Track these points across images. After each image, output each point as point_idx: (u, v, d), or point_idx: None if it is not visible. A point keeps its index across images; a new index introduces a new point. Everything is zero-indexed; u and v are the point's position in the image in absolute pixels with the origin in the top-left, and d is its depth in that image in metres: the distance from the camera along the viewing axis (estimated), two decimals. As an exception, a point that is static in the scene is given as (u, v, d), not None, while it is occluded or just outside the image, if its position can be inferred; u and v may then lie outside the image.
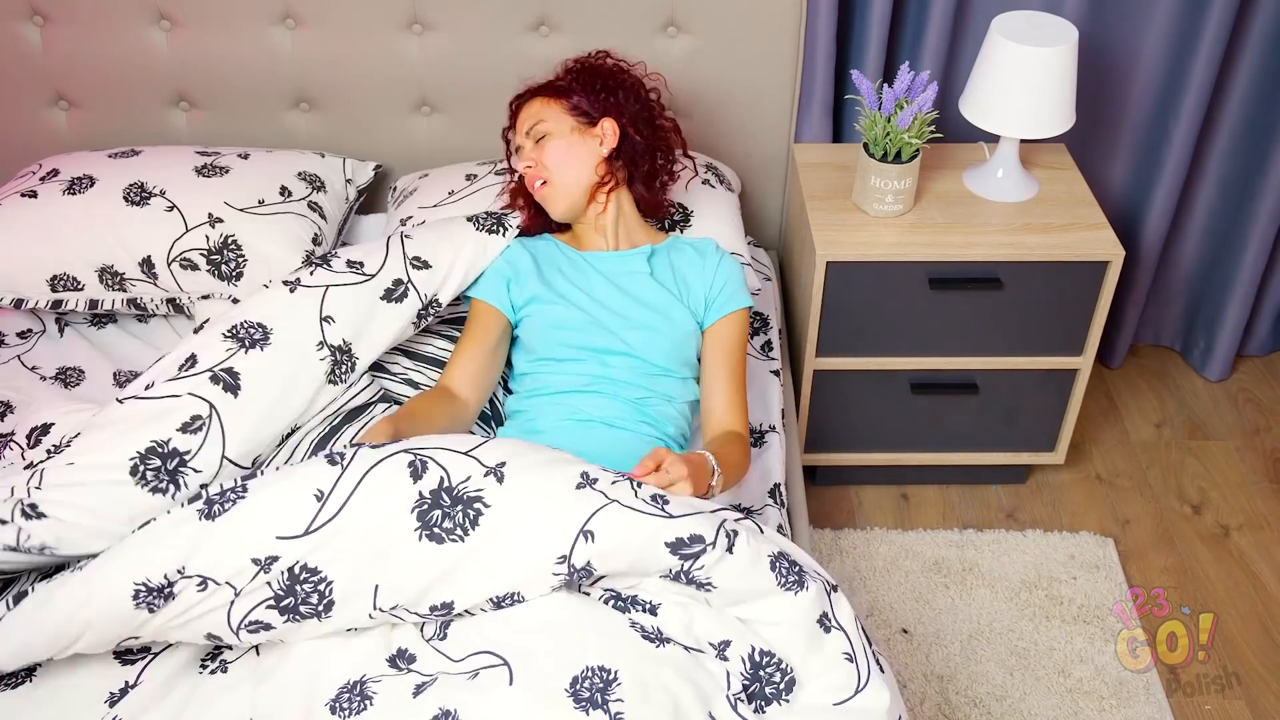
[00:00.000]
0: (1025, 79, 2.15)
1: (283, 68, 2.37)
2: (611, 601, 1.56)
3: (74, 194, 2.13)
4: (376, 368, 1.97)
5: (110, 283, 2.11)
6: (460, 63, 2.36)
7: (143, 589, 1.50)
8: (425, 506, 1.53)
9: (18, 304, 2.13)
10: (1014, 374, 2.38)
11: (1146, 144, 2.58)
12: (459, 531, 1.51)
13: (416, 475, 1.55)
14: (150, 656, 1.60)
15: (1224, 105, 2.54)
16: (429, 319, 1.95)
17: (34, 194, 2.14)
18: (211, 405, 1.70)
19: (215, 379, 1.72)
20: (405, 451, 1.58)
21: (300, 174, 2.26)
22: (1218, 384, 2.89)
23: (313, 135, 2.46)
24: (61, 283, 2.11)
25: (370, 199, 2.53)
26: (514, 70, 2.36)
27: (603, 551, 1.49)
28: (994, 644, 2.26)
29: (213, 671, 1.58)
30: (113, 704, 1.54)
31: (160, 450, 1.65)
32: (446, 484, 1.54)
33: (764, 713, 1.48)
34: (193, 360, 1.74)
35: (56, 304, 2.13)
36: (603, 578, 1.55)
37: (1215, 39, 2.35)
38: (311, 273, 1.88)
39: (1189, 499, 2.61)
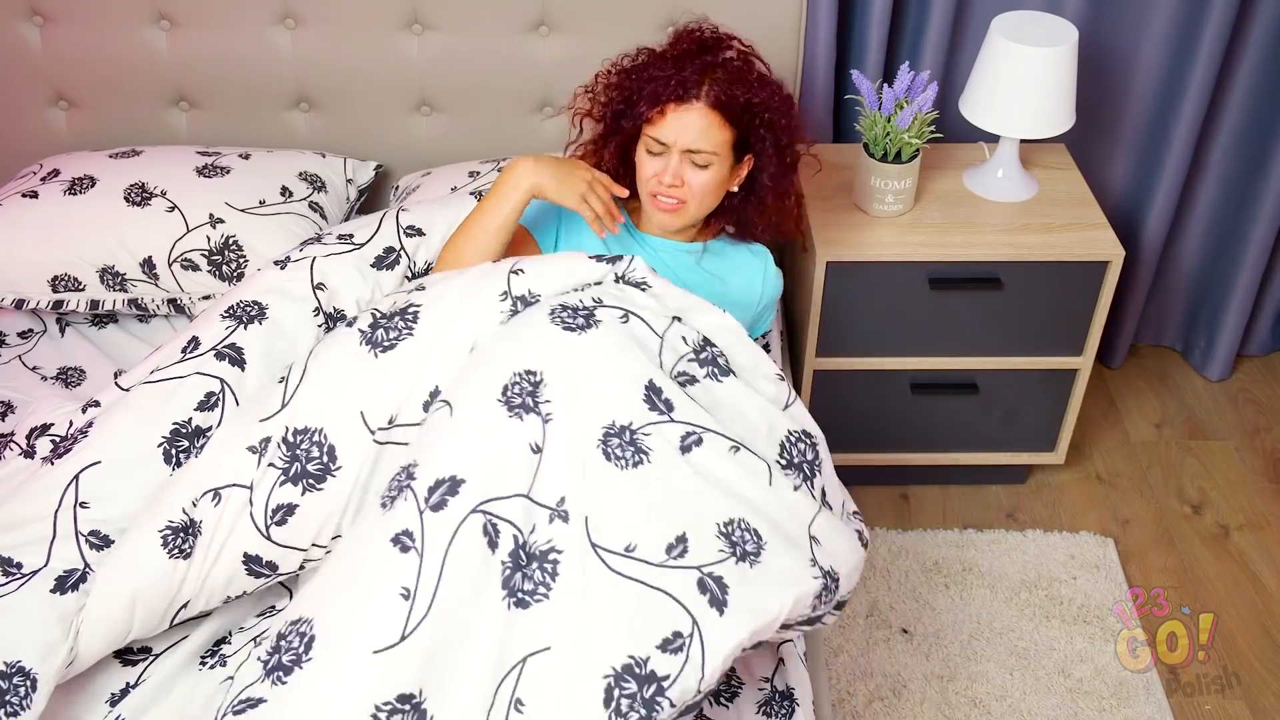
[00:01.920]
0: (1025, 79, 2.15)
1: (283, 68, 2.37)
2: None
3: (75, 194, 2.13)
4: None
5: (111, 283, 2.11)
6: (460, 63, 2.36)
7: (169, 532, 1.54)
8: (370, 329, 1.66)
9: (19, 304, 2.13)
10: (1014, 374, 2.38)
11: (1146, 144, 2.58)
12: (396, 334, 1.63)
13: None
14: (151, 657, 1.61)
15: (1224, 105, 2.54)
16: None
17: (35, 194, 2.14)
18: (222, 380, 1.71)
19: (220, 355, 1.73)
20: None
21: (301, 174, 2.26)
22: (1218, 384, 2.89)
23: (312, 135, 2.45)
24: (62, 283, 2.11)
25: (371, 199, 2.53)
26: (514, 70, 2.36)
27: (535, 275, 1.64)
28: (994, 644, 2.26)
29: (212, 666, 1.59)
30: (114, 703, 1.55)
31: (184, 431, 1.66)
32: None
33: (720, 381, 1.55)
34: (195, 342, 1.75)
35: (57, 304, 2.13)
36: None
37: (1215, 39, 2.35)
38: (301, 249, 1.88)
39: (1189, 499, 2.61)
